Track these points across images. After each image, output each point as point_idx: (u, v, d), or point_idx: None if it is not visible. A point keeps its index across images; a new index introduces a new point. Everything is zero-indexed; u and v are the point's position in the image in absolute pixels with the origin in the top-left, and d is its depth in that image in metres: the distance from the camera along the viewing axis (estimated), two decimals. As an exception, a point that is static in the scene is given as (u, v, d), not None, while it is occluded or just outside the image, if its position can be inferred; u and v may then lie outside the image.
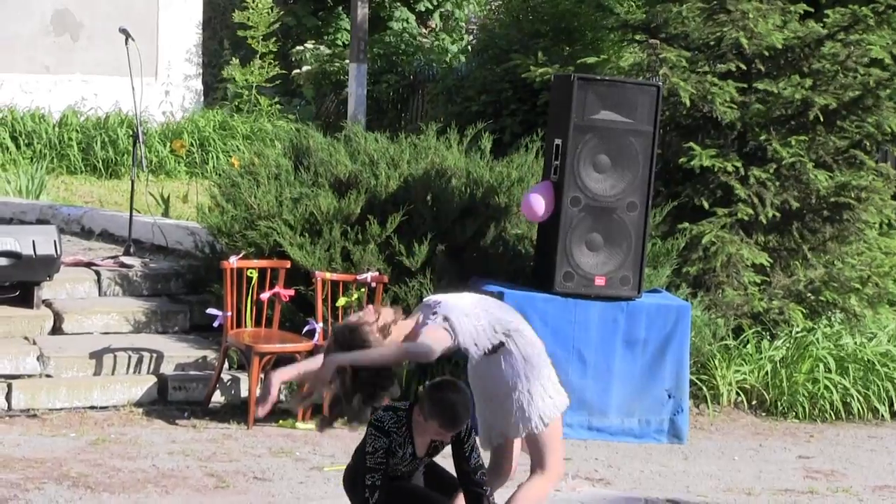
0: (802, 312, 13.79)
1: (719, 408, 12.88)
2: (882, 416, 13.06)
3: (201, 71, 23.61)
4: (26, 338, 11.96)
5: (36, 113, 20.96)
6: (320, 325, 11.71)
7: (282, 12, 24.49)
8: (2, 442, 10.54)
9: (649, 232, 12.30)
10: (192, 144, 20.84)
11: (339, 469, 8.33)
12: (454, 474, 7.86)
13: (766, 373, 13.11)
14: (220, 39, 25.85)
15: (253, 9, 22.70)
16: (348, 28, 25.11)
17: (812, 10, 14.82)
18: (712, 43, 14.15)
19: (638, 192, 12.07)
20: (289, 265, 11.97)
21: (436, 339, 7.48)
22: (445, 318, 7.55)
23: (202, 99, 23.26)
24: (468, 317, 7.61)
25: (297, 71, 26.62)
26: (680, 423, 12.07)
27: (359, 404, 7.46)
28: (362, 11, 21.75)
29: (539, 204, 11.96)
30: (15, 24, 21.79)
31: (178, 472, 10.09)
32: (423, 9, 28.70)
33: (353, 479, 7.88)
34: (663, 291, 12.65)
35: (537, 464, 7.93)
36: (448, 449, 7.70)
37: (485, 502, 7.71)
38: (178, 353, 12.14)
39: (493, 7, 28.33)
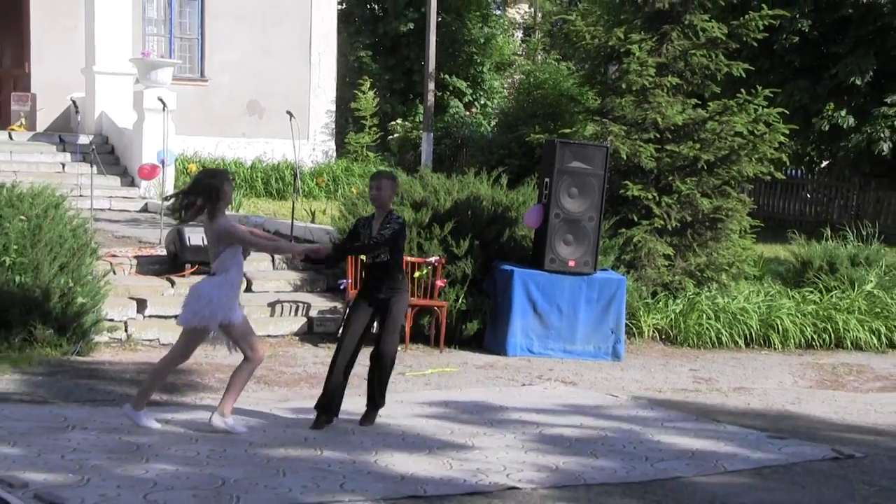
0: (693, 283, 13.73)
1: (642, 340, 12.81)
2: (740, 346, 12.98)
3: (334, 136, 23.66)
4: (230, 294, 12.04)
5: (237, 161, 21.06)
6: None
7: (383, 101, 24.55)
8: (216, 355, 10.58)
9: (601, 234, 12.27)
10: (328, 180, 20.90)
11: (418, 374, 8.30)
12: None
13: (671, 319, 13.05)
14: (346, 118, 25.90)
15: (363, 100, 22.76)
16: (422, 112, 25.16)
17: (700, 101, 14.80)
18: (640, 121, 14.06)
19: (594, 210, 12.06)
20: (385, 252, 12.02)
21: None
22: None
23: (335, 153, 23.31)
24: None
25: (391, 136, 26.68)
26: (619, 349, 12.03)
27: None
28: (430, 102, 21.80)
29: (533, 219, 12.03)
30: (225, 109, 21.94)
31: (319, 374, 10.08)
32: (467, 100, 28.73)
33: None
34: (609, 270, 12.60)
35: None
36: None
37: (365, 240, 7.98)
38: (319, 304, 12.17)
39: (509, 98, 28.35)
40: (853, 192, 24.53)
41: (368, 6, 28.53)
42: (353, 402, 8.30)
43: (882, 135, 21.62)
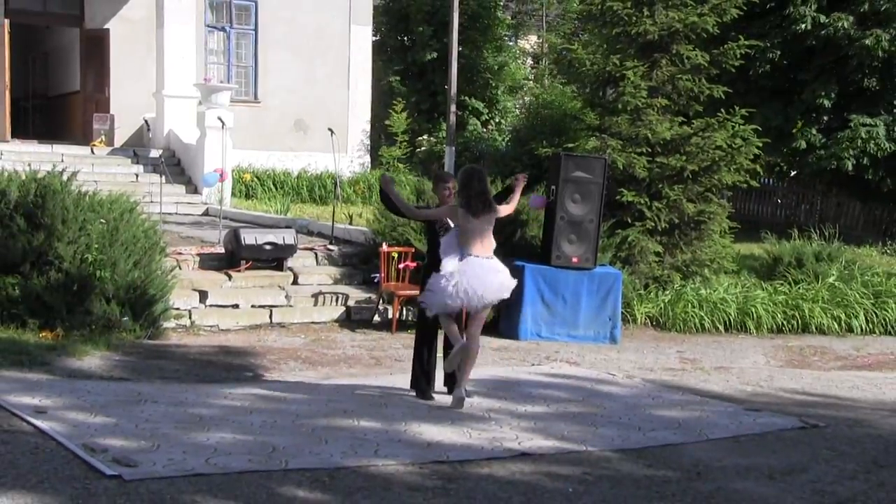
0: (680, 277, 13.67)
1: (636, 326, 12.75)
2: (720, 331, 12.90)
3: (369, 150, 23.65)
4: (279, 286, 12.02)
5: (285, 171, 21.06)
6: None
7: (411, 119, 24.50)
8: (267, 339, 10.61)
9: (600, 234, 12.21)
10: (364, 188, 20.87)
11: (441, 356, 8.27)
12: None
13: (661, 308, 12.98)
14: (380, 133, 25.87)
15: (395, 119, 22.73)
16: (445, 129, 25.08)
17: (686, 119, 14.72)
18: (634, 136, 14.01)
19: (594, 214, 11.99)
20: (413, 250, 11.94)
21: None
22: None
23: (370, 164, 23.30)
24: None
25: (419, 150, 26.62)
26: (616, 334, 11.97)
27: None
28: (452, 121, 21.71)
29: (538, 203, 12.21)
30: (276, 127, 21.96)
31: (355, 356, 10.11)
32: (484, 119, 28.68)
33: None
34: (607, 265, 12.54)
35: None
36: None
37: None
38: (356, 295, 12.15)
39: (520, 117, 28.27)
40: (817, 198, 24.52)
41: (399, 38, 28.52)
42: (385, 379, 8.28)
43: (846, 154, 21.60)
